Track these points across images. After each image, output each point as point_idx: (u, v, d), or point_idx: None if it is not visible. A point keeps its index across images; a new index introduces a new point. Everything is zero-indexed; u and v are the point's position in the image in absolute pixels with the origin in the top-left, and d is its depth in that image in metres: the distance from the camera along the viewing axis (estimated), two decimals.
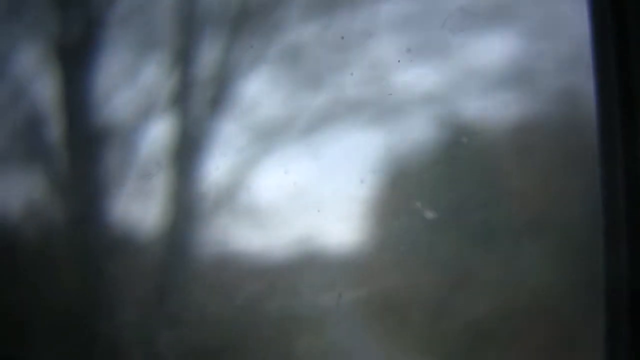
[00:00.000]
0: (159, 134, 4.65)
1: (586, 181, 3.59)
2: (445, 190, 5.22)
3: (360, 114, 4.92)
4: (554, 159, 4.10)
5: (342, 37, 4.35)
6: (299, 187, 5.19)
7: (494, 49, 4.33)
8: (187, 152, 4.09)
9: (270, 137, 4.47)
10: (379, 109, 4.96)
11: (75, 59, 4.51)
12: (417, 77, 5.05)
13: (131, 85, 4.93)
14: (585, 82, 3.30)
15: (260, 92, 4.69)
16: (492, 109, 4.86)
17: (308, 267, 4.96)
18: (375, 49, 4.81)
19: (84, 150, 4.49)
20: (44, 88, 5.50)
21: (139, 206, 5.68)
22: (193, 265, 5.01)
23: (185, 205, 4.13)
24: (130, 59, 4.88)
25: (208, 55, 4.48)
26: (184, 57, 4.16)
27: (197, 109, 4.18)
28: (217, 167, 4.79)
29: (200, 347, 4.48)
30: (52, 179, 4.75)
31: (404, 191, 5.31)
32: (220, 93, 4.18)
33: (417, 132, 5.41)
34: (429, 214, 5.08)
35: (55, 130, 5.02)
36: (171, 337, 4.59)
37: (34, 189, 6.24)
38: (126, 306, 5.10)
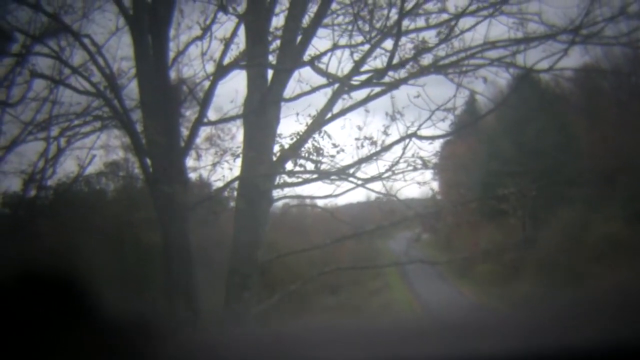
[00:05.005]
0: (234, 88, 4.85)
1: None
2: (516, 133, 5.50)
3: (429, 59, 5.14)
4: (619, 98, 4.34)
5: None
6: (371, 137, 5.33)
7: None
8: (262, 105, 4.25)
9: (342, 88, 4.63)
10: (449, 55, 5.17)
11: (150, 20, 4.73)
12: (487, 27, 5.21)
13: (205, 42, 5.13)
14: None
15: (332, 46, 4.81)
16: (557, 54, 5.03)
17: (381, 210, 5.17)
18: None
19: (160, 108, 4.68)
20: (121, 48, 5.72)
21: (217, 160, 5.89)
22: (274, 212, 5.20)
23: (263, 156, 4.32)
24: (204, 16, 5.08)
25: (280, 10, 4.62)
26: (256, 14, 4.32)
27: (271, 63, 4.35)
28: (292, 119, 4.94)
29: (293, 275, 4.72)
30: (130, 137, 4.96)
31: (471, 138, 5.61)
32: (294, 47, 4.34)
33: (488, 75, 5.55)
34: (496, 162, 5.35)
35: (132, 88, 5.24)
36: (271, 269, 4.84)
37: (114, 146, 6.48)
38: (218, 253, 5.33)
